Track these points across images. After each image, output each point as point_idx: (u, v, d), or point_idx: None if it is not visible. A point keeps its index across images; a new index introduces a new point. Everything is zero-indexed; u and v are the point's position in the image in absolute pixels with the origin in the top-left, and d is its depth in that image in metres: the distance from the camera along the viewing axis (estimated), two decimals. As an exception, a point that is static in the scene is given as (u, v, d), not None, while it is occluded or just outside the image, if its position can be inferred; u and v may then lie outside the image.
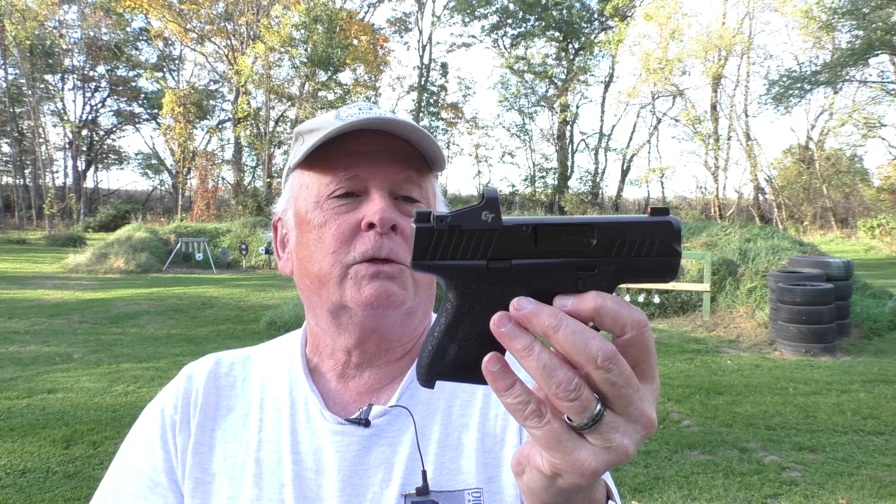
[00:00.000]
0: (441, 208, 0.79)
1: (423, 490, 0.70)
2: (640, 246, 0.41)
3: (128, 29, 34.02)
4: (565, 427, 0.40)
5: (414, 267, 0.42)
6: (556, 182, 34.46)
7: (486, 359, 0.41)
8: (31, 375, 6.32)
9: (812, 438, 4.68)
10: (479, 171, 41.95)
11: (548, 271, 0.41)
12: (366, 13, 35.92)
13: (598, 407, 0.39)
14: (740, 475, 4.05)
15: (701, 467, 4.16)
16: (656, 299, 9.76)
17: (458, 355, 0.43)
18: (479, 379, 0.42)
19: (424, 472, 0.70)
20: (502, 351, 0.42)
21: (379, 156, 0.72)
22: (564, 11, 33.37)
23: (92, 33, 32.36)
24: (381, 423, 0.74)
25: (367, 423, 0.73)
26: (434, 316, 0.81)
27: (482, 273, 0.42)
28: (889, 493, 3.79)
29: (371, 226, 0.70)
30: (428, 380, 0.44)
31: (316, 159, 0.74)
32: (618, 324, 0.40)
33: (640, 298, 9.86)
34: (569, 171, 34.96)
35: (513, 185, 37.40)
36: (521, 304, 0.40)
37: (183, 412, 0.78)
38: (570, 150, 35.49)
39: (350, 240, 0.71)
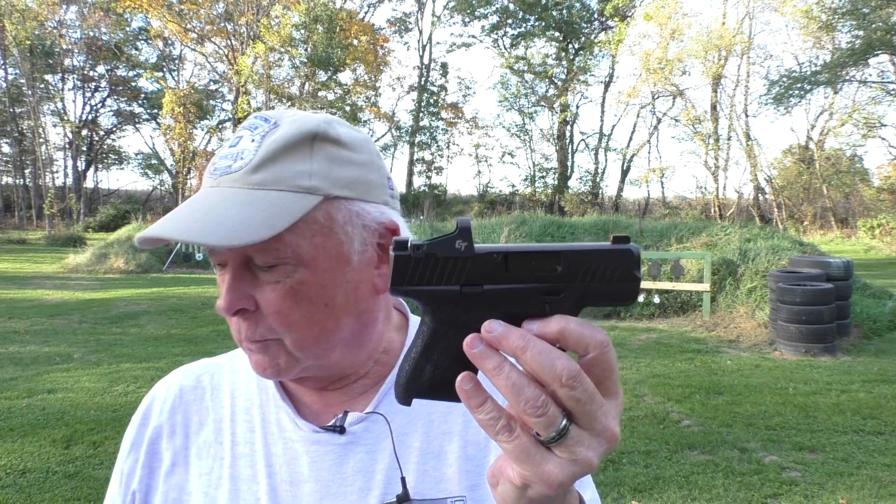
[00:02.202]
0: (373, 219, 0.70)
1: (404, 497, 0.69)
2: (602, 272, 0.44)
3: (127, 29, 34.03)
4: (534, 441, 0.43)
5: (392, 292, 0.45)
6: (556, 182, 34.47)
7: (459, 378, 0.44)
8: (31, 375, 6.32)
9: (812, 438, 4.68)
10: (479, 171, 42.03)
11: (517, 296, 0.44)
12: (366, 13, 35.95)
13: (564, 422, 0.42)
14: (740, 475, 4.05)
15: (701, 467, 4.16)
16: (656, 299, 9.76)
17: (434, 375, 0.46)
18: (454, 397, 0.45)
19: (404, 479, 0.69)
20: (475, 370, 0.44)
21: None
22: (564, 11, 33.38)
23: (92, 33, 32.37)
24: (357, 431, 0.72)
25: (342, 431, 0.72)
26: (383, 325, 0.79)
27: (456, 298, 0.45)
28: (889, 493, 3.79)
29: None
30: (405, 398, 0.47)
31: None
32: (581, 344, 0.43)
33: (640, 298, 9.86)
34: (569, 171, 34.98)
35: (513, 185, 37.45)
36: (492, 327, 0.43)
37: (137, 434, 0.79)
38: (570, 150, 35.51)
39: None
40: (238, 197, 0.63)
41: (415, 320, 0.82)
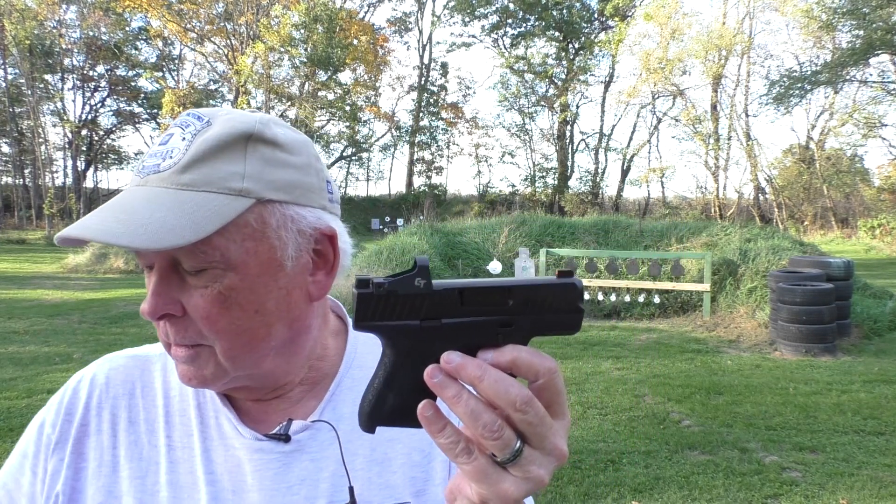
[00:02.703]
0: (310, 224, 0.68)
1: None
2: (549, 304, 0.49)
3: (127, 29, 34.02)
4: (490, 462, 0.46)
5: (356, 328, 0.48)
6: (556, 182, 34.48)
7: (420, 405, 0.47)
8: (30, 375, 6.31)
9: (812, 439, 4.68)
10: (479, 171, 42.01)
11: (473, 328, 0.48)
12: (366, 13, 35.96)
13: (518, 444, 0.45)
14: (740, 475, 4.04)
15: (701, 467, 4.16)
16: (656, 299, 9.76)
17: (396, 403, 0.49)
18: (416, 423, 0.48)
19: (352, 489, 0.68)
20: (434, 398, 0.47)
21: None
22: (564, 11, 33.39)
23: (91, 33, 32.36)
24: (302, 439, 0.71)
25: (287, 439, 0.70)
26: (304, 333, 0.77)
27: (416, 331, 0.48)
28: (889, 493, 3.78)
29: None
30: (369, 426, 0.50)
31: None
32: (531, 371, 0.46)
33: (641, 298, 9.86)
34: (569, 171, 34.99)
35: (513, 185, 37.44)
36: (451, 358, 0.46)
37: (62, 430, 0.72)
38: (570, 150, 35.52)
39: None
40: (165, 197, 0.61)
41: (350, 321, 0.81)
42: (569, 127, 35.35)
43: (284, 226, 0.66)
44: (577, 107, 35.36)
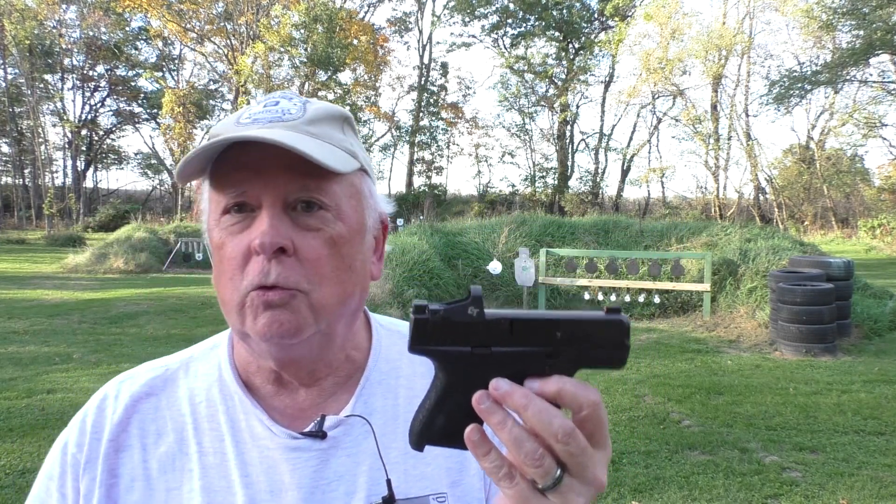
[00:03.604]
0: (380, 207, 0.75)
1: (390, 499, 0.68)
2: (596, 339, 0.50)
3: (127, 29, 34.02)
4: (531, 487, 0.48)
5: (411, 350, 0.50)
6: (556, 182, 34.46)
7: (468, 429, 0.49)
8: (30, 375, 6.31)
9: (812, 439, 4.68)
10: (479, 171, 41.99)
11: (521, 357, 0.50)
12: (366, 13, 35.95)
13: (559, 472, 0.47)
14: (741, 475, 4.04)
15: (701, 467, 4.16)
16: (656, 299, 9.76)
17: (446, 425, 0.51)
18: (463, 445, 0.50)
19: (389, 482, 0.69)
20: (481, 423, 0.49)
21: (269, 166, 0.64)
22: (564, 11, 33.37)
23: (91, 33, 32.35)
24: (337, 434, 0.71)
25: (323, 436, 0.70)
26: (366, 324, 0.81)
27: (467, 358, 0.50)
28: (890, 493, 3.78)
29: (258, 250, 0.64)
30: (419, 444, 0.53)
31: (213, 171, 0.68)
32: (575, 403, 0.48)
33: (641, 298, 9.86)
34: (569, 171, 34.97)
35: (513, 185, 37.41)
36: (499, 385, 0.48)
37: (90, 449, 0.71)
38: (570, 150, 35.49)
39: (243, 264, 0.65)
40: (307, 138, 0.65)
41: (376, 321, 0.82)
42: (569, 127, 35.34)
43: (371, 198, 0.73)
44: (577, 107, 35.36)
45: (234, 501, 0.68)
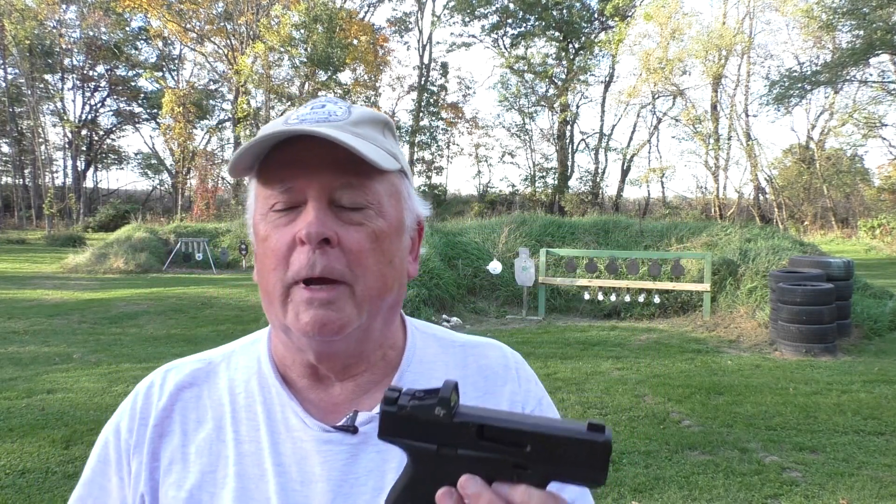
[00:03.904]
0: (417, 208, 0.77)
1: None
2: (570, 458, 0.47)
3: (127, 29, 34.01)
4: None
5: (380, 438, 0.51)
6: (556, 182, 34.46)
7: None
8: (30, 375, 6.31)
9: (812, 439, 4.68)
10: (479, 171, 41.98)
11: (488, 462, 0.49)
12: (366, 13, 35.94)
13: None
14: (741, 475, 4.04)
15: (701, 467, 4.16)
16: (656, 299, 9.76)
17: None
18: None
19: None
20: None
21: (315, 164, 0.68)
22: (564, 11, 33.36)
23: (91, 33, 32.35)
24: (368, 430, 0.72)
25: (354, 431, 0.72)
26: (403, 317, 0.83)
27: (433, 455, 0.50)
28: (890, 493, 3.78)
29: (304, 240, 0.67)
30: None
31: (261, 168, 0.71)
32: None
33: (641, 298, 9.86)
34: (569, 170, 34.96)
35: (513, 185, 37.42)
36: (468, 485, 0.48)
37: (139, 434, 0.75)
38: (570, 150, 35.49)
39: (287, 256, 0.68)
40: (352, 137, 0.67)
41: (411, 323, 0.84)
42: (569, 127, 35.33)
43: (410, 199, 0.76)
44: (577, 107, 35.36)
45: (266, 489, 0.71)
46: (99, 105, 37.33)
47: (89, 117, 36.82)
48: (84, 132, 36.36)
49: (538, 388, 0.84)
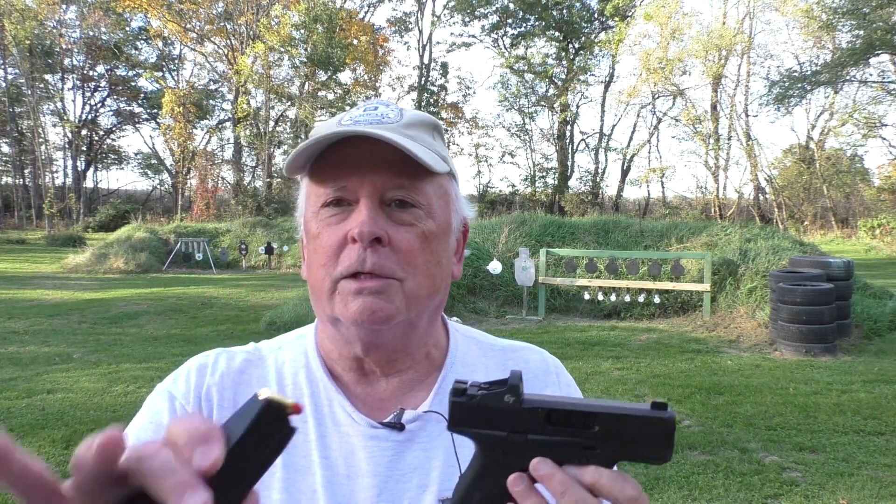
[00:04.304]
0: (463, 211, 0.79)
1: None
2: (636, 436, 0.49)
3: (127, 29, 34.01)
4: None
5: (449, 429, 0.52)
6: (556, 182, 34.45)
7: None
8: (30, 375, 6.31)
9: (812, 439, 4.68)
10: (479, 171, 41.95)
11: (557, 446, 0.50)
12: (366, 13, 35.94)
13: None
14: (741, 475, 4.04)
15: (701, 467, 4.16)
16: (656, 299, 9.76)
17: (481, 502, 0.52)
18: None
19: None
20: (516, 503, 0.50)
21: (368, 164, 0.69)
22: (564, 11, 33.35)
23: (91, 33, 32.36)
24: (413, 428, 0.74)
25: (401, 428, 0.73)
26: (446, 319, 0.85)
27: (503, 442, 0.51)
28: (890, 493, 3.78)
29: (356, 238, 0.69)
30: None
31: (314, 167, 0.73)
32: (611, 497, 0.48)
33: (641, 298, 9.86)
34: (569, 170, 34.95)
35: (513, 185, 37.40)
36: (540, 466, 0.49)
37: (195, 405, 0.75)
38: (570, 150, 35.47)
39: (338, 253, 0.70)
40: (404, 139, 0.69)
41: (452, 325, 0.86)
42: (569, 127, 35.32)
43: (457, 201, 0.77)
44: (577, 107, 35.34)
45: (312, 480, 0.72)
46: (99, 105, 37.36)
47: (89, 117, 36.84)
48: (84, 132, 36.36)
49: (577, 394, 0.86)
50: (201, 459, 0.33)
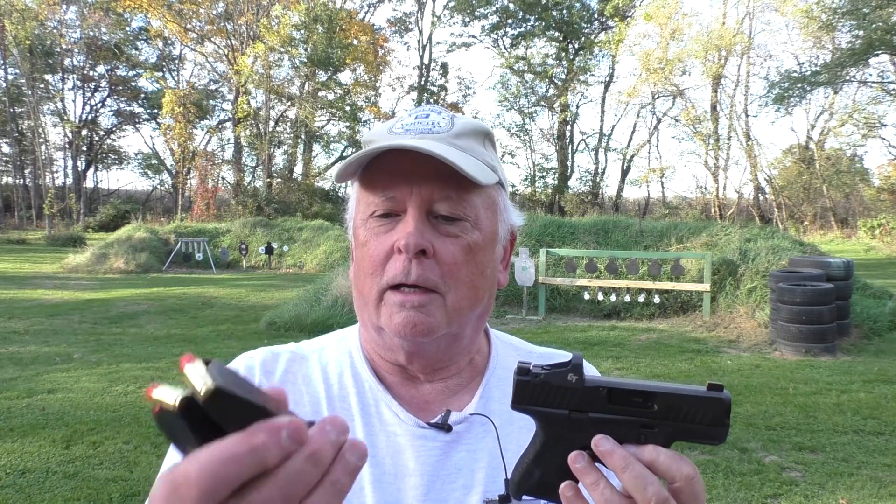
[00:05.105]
0: (511, 219, 0.79)
1: (507, 498, 0.70)
2: (693, 415, 0.51)
3: (127, 29, 34.01)
4: None
5: (512, 407, 0.54)
6: (556, 182, 34.46)
7: (563, 485, 0.52)
8: (30, 375, 6.31)
9: (812, 438, 4.68)
10: (479, 171, 41.86)
11: (616, 424, 0.52)
12: (366, 13, 35.95)
13: None
14: (740, 475, 4.04)
15: (701, 467, 4.16)
16: (656, 299, 9.76)
17: (542, 479, 0.55)
18: (557, 499, 0.53)
19: (507, 481, 0.71)
20: (576, 480, 0.52)
21: (417, 174, 0.70)
22: (564, 11, 33.36)
23: (92, 33, 32.36)
24: (460, 430, 0.75)
25: (448, 429, 0.74)
26: (488, 330, 0.86)
27: (564, 420, 0.53)
28: (889, 493, 3.78)
29: (402, 249, 0.70)
30: (517, 494, 0.56)
31: (364, 175, 0.74)
32: (668, 475, 0.50)
33: (641, 298, 9.86)
34: (569, 171, 34.96)
35: (513, 185, 37.36)
36: (601, 442, 0.51)
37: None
38: (570, 150, 35.48)
39: (384, 262, 0.71)
40: (454, 151, 0.70)
41: (492, 332, 0.87)
42: (569, 127, 35.33)
43: (505, 210, 0.78)
44: (577, 107, 35.35)
45: (360, 479, 0.72)
46: (99, 105, 37.36)
47: (89, 117, 36.84)
48: (84, 132, 36.36)
49: None
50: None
